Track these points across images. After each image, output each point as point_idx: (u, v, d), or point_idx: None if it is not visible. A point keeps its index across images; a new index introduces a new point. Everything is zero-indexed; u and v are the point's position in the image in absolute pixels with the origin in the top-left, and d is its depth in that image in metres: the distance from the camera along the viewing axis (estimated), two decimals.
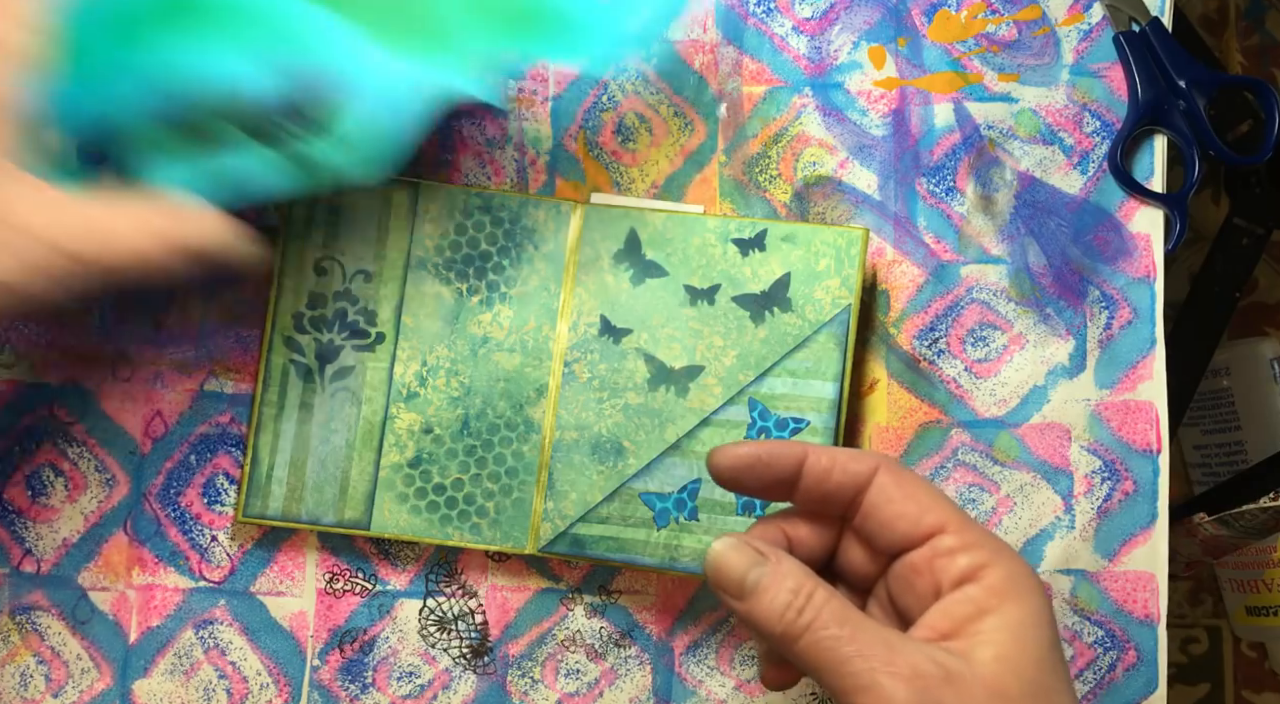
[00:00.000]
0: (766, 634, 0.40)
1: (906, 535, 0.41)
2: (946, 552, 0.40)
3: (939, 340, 0.56)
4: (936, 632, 0.39)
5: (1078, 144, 0.56)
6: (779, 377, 0.53)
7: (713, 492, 0.53)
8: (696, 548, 0.53)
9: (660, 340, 0.54)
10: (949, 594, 0.40)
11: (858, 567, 0.44)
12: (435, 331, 0.54)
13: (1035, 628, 0.39)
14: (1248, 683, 1.08)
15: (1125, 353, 0.56)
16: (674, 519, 0.53)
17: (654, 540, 0.53)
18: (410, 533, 0.54)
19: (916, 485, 0.42)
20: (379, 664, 0.56)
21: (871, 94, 0.57)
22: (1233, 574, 1.04)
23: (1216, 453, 1.05)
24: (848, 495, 0.42)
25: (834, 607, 0.39)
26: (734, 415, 0.53)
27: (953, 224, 0.56)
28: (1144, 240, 0.56)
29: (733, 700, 0.56)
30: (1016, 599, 0.39)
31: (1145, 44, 0.56)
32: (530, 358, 0.54)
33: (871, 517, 0.42)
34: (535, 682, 0.56)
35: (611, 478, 0.53)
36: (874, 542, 0.43)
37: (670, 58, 0.57)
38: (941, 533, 0.41)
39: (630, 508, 0.53)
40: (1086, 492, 0.56)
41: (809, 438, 0.52)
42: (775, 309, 0.53)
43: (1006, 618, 0.39)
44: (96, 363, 0.55)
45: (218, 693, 0.55)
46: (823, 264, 0.53)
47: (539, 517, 0.53)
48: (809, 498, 0.43)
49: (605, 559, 0.53)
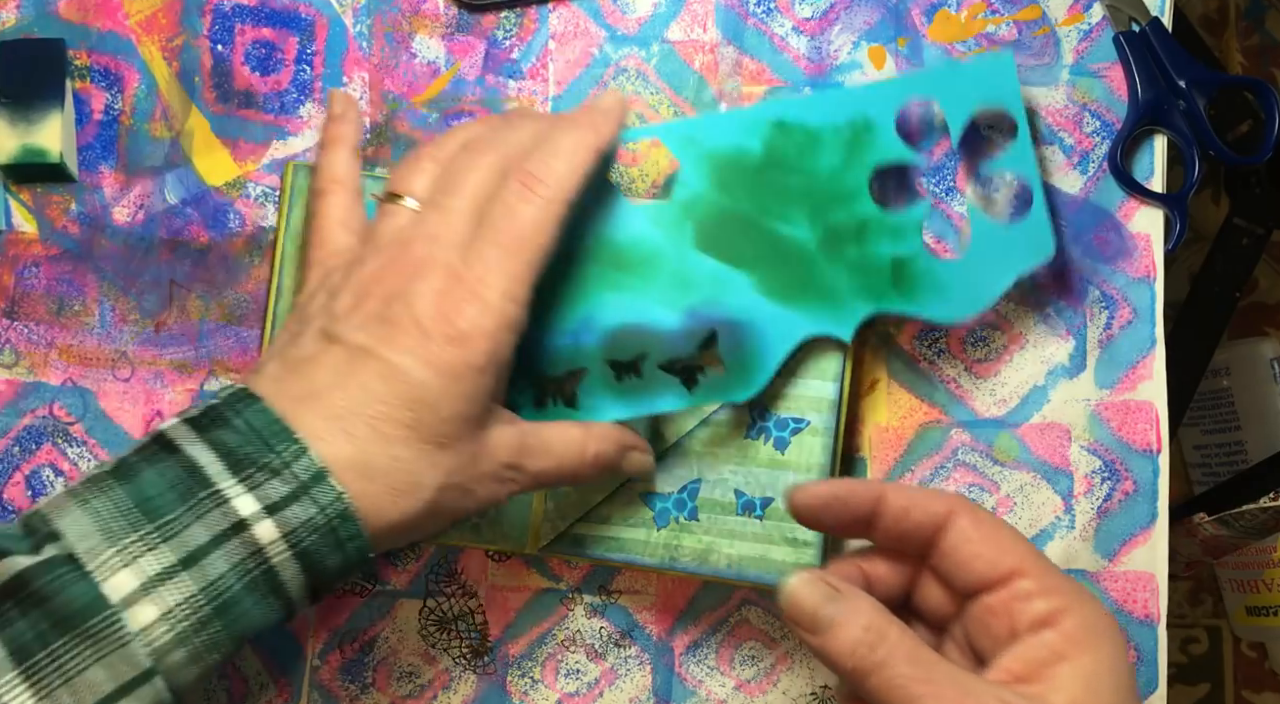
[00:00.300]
0: (840, 670, 0.40)
1: (984, 577, 0.41)
2: (1024, 595, 0.40)
3: (939, 340, 0.56)
4: (1011, 675, 0.39)
5: (1078, 144, 0.57)
6: (780, 376, 0.53)
7: (712, 492, 0.53)
8: (696, 548, 0.53)
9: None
10: (1025, 638, 0.40)
11: (935, 606, 0.44)
12: None
13: (1111, 676, 0.39)
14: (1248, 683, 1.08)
15: (1125, 353, 0.56)
16: (674, 519, 0.53)
17: (654, 540, 0.53)
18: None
19: (995, 527, 0.42)
20: (379, 664, 0.56)
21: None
22: (1233, 574, 1.04)
23: (1216, 453, 1.06)
24: (925, 535, 0.42)
25: (907, 645, 0.39)
26: (734, 415, 0.53)
27: (953, 224, 0.56)
28: (1144, 240, 0.56)
29: (733, 700, 0.56)
30: (1093, 648, 0.39)
31: (1145, 44, 0.56)
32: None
33: (949, 557, 0.42)
34: (535, 682, 0.56)
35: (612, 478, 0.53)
36: (951, 582, 0.43)
37: (670, 58, 0.57)
38: (1019, 576, 0.41)
39: (630, 508, 0.53)
40: (1086, 492, 0.56)
41: (809, 438, 0.53)
42: None
43: (1082, 666, 0.39)
44: (96, 363, 0.55)
45: (217, 693, 0.55)
46: None
47: (538, 516, 0.53)
48: (887, 537, 0.43)
49: (605, 559, 0.53)
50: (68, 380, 0.55)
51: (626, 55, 0.57)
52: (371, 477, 0.41)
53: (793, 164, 0.52)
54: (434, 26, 0.57)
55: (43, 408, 0.55)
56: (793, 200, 0.52)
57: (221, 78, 0.56)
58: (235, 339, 0.55)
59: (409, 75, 0.56)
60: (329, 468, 0.40)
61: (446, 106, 0.56)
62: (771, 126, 0.52)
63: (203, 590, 0.39)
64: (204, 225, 0.56)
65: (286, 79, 0.56)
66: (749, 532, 0.53)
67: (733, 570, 0.53)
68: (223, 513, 0.39)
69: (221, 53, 0.56)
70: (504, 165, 0.46)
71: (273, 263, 0.54)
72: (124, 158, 0.56)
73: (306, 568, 0.40)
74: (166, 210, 0.56)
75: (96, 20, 0.56)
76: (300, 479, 0.40)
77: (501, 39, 0.57)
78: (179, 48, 0.56)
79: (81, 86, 0.56)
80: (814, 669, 0.56)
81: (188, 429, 0.41)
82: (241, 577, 0.39)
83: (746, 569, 0.52)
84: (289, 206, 0.54)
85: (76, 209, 0.56)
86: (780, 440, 0.53)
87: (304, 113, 0.56)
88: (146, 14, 0.56)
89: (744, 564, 0.52)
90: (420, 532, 0.44)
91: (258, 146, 0.56)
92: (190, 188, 0.56)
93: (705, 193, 0.51)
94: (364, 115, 0.56)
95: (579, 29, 0.57)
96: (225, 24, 0.56)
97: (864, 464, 0.56)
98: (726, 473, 0.53)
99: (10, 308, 0.55)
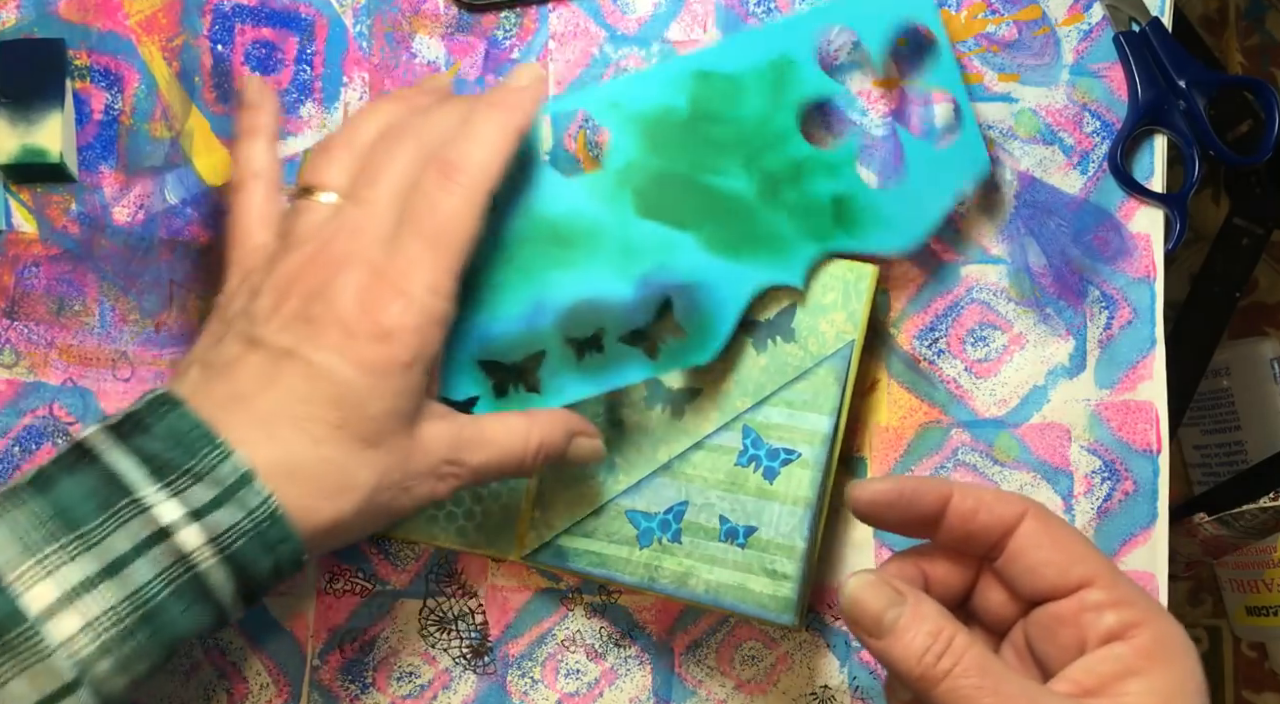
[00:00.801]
0: (904, 675, 0.39)
1: (1054, 585, 0.41)
2: (1095, 606, 0.40)
3: (939, 340, 0.56)
4: (1080, 687, 0.39)
5: (1078, 144, 0.57)
6: (775, 406, 0.52)
7: (697, 515, 0.52)
8: (676, 570, 0.52)
9: None
10: (1095, 650, 0.39)
11: (995, 609, 0.43)
12: None
13: (1183, 695, 0.38)
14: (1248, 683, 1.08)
15: (1125, 353, 0.56)
16: (657, 539, 0.52)
17: (635, 559, 0.52)
18: (398, 532, 0.54)
19: (1066, 534, 0.41)
20: (379, 664, 0.56)
21: (872, 94, 0.57)
22: (1233, 574, 1.04)
23: (1216, 453, 1.06)
24: (993, 538, 0.42)
25: (975, 654, 0.38)
26: (726, 441, 0.53)
27: (953, 224, 0.56)
28: (1144, 240, 0.56)
29: (733, 700, 0.56)
30: (1166, 663, 0.39)
31: (1145, 44, 0.56)
32: None
33: (1016, 561, 0.41)
34: (535, 682, 0.56)
35: (600, 492, 0.53)
36: (1016, 587, 0.42)
37: (670, 58, 0.57)
38: (1091, 586, 0.40)
39: (615, 524, 0.53)
40: (1086, 492, 0.56)
41: (799, 470, 0.52)
42: (778, 338, 0.53)
43: (1155, 682, 0.38)
44: (96, 363, 0.55)
45: (218, 693, 0.55)
46: (829, 297, 0.53)
47: (526, 525, 0.53)
48: (951, 537, 0.42)
49: (586, 573, 0.53)
50: (68, 380, 0.55)
51: (626, 55, 0.57)
52: (300, 479, 0.41)
53: (720, 114, 0.51)
54: (434, 26, 0.57)
55: (43, 408, 0.55)
56: (725, 151, 0.51)
57: (221, 78, 0.56)
58: None
59: (409, 75, 0.56)
60: (255, 471, 0.40)
61: None
62: (694, 78, 0.51)
63: (126, 599, 0.38)
64: (204, 225, 0.56)
65: (286, 79, 0.56)
66: (729, 559, 0.52)
67: (710, 596, 0.52)
68: (144, 520, 0.39)
69: (221, 53, 0.56)
70: (423, 153, 0.45)
71: None
72: (124, 158, 0.56)
73: (236, 573, 0.40)
74: (166, 210, 0.56)
75: (96, 20, 0.56)
76: (225, 483, 0.39)
77: (501, 39, 0.57)
78: (179, 48, 0.56)
79: (81, 86, 0.56)
80: (814, 669, 0.56)
81: (107, 436, 0.40)
82: (167, 584, 0.39)
83: (723, 597, 0.52)
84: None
85: (76, 209, 0.56)
86: (770, 470, 0.52)
87: (304, 113, 0.56)
88: (146, 14, 0.56)
89: (721, 591, 0.52)
90: (358, 532, 0.43)
91: None
92: (190, 188, 0.56)
93: (638, 157, 0.51)
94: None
95: (579, 29, 0.57)
96: (225, 24, 0.56)
97: (864, 464, 0.56)
98: (714, 498, 0.52)
99: (10, 308, 0.55)
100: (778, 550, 0.51)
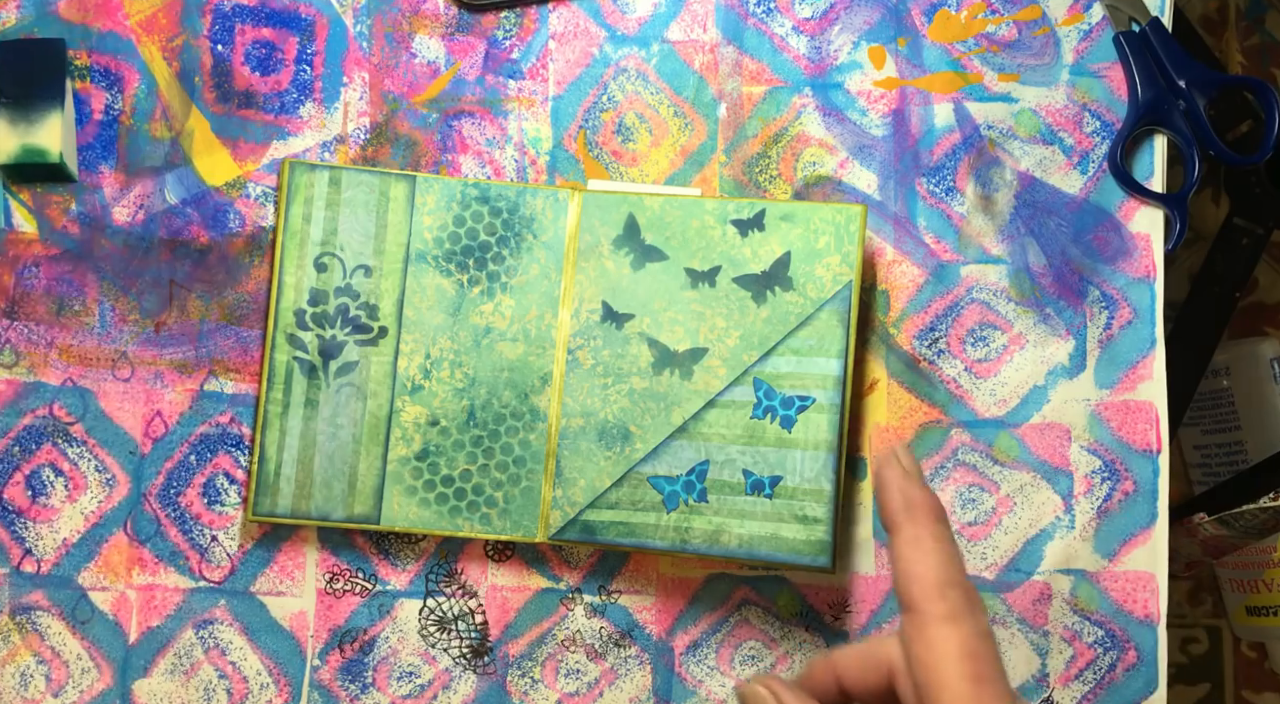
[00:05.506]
0: None
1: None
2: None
3: (939, 340, 0.56)
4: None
5: (1078, 144, 0.56)
6: (783, 355, 0.53)
7: (720, 472, 0.53)
8: (706, 529, 0.53)
9: (663, 324, 0.54)
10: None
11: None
12: (437, 324, 0.54)
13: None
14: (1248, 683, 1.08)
15: (1125, 353, 0.56)
16: (683, 501, 0.53)
17: (664, 523, 0.53)
18: (420, 526, 0.54)
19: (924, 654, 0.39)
20: (379, 664, 0.56)
21: (871, 94, 0.57)
22: (1233, 574, 1.04)
23: (1216, 453, 1.05)
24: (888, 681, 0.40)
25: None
26: (739, 396, 0.53)
27: (953, 224, 0.56)
28: (1144, 240, 0.56)
29: (732, 701, 0.56)
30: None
31: (1145, 44, 0.56)
32: (533, 346, 0.54)
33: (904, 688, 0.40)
34: (535, 682, 0.56)
35: (619, 463, 0.53)
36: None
37: (670, 58, 0.57)
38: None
39: (639, 492, 0.53)
40: (1086, 492, 0.56)
41: (815, 415, 0.52)
42: (776, 288, 0.53)
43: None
44: (96, 363, 0.55)
45: (218, 693, 0.55)
46: (822, 241, 0.53)
47: (548, 505, 0.53)
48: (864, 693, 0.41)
49: (616, 544, 0.53)
50: (68, 380, 0.55)
51: (626, 55, 0.57)
52: None
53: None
54: (434, 26, 0.57)
55: (43, 408, 0.55)
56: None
57: (221, 78, 0.56)
58: (235, 339, 0.55)
59: (409, 75, 0.56)
60: None
61: (446, 106, 0.56)
62: None
63: None
64: (204, 225, 0.56)
65: (286, 79, 0.56)
66: (759, 511, 0.52)
67: (744, 549, 0.52)
68: None
69: (221, 53, 0.56)
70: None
71: (273, 263, 0.54)
72: (124, 158, 0.56)
73: None
74: (166, 210, 0.56)
75: (96, 20, 0.56)
76: None
77: (501, 39, 0.57)
78: (179, 48, 0.56)
79: (81, 86, 0.56)
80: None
81: None
82: None
83: (758, 548, 0.52)
84: (287, 205, 0.54)
85: (76, 209, 0.56)
86: (786, 419, 0.53)
87: (304, 113, 0.56)
88: (146, 14, 0.56)
89: (755, 543, 0.52)
90: None
91: (258, 146, 0.56)
92: (190, 188, 0.56)
93: None
94: (363, 115, 0.56)
95: (579, 29, 0.57)
96: (225, 24, 0.56)
97: (864, 464, 0.56)
98: (734, 453, 0.53)
99: (10, 308, 0.55)
100: (806, 496, 0.52)
